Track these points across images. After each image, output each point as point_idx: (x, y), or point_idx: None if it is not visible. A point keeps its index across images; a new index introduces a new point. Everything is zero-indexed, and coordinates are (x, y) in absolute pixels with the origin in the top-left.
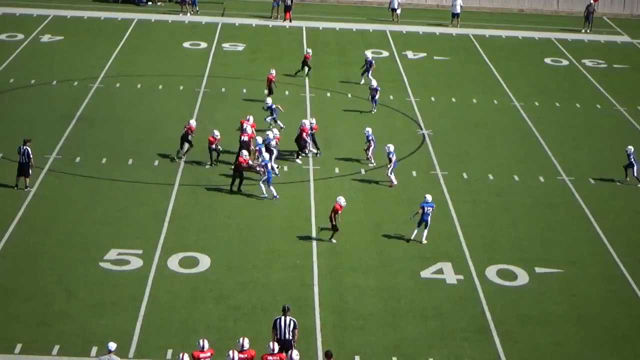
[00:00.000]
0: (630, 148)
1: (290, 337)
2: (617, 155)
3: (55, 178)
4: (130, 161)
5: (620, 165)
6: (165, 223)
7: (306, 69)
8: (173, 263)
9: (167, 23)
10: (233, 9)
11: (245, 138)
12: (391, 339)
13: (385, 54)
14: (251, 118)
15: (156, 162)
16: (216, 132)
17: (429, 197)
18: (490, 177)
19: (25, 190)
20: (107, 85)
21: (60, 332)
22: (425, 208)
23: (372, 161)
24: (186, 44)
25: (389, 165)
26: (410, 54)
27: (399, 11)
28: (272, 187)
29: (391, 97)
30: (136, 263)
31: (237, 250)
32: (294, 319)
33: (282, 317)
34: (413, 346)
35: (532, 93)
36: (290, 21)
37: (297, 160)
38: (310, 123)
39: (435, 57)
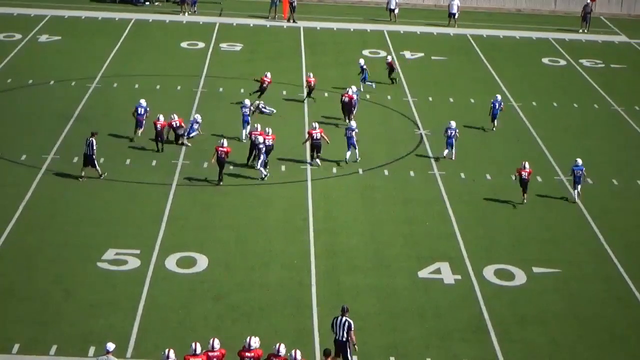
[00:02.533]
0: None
1: (345, 339)
2: (614, 156)
3: (53, 178)
4: (128, 161)
5: (617, 165)
6: (162, 223)
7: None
8: (171, 263)
9: (165, 23)
10: (231, 9)
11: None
12: (389, 339)
13: (383, 53)
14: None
15: (154, 162)
16: (224, 142)
17: (452, 124)
18: (488, 177)
19: (101, 177)
20: (104, 85)
21: (58, 332)
22: (449, 131)
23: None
24: (184, 44)
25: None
26: (407, 54)
27: (396, 11)
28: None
29: (389, 97)
30: (134, 263)
31: (235, 250)
32: (349, 320)
33: (339, 318)
34: (411, 346)
35: (529, 93)
36: (295, 22)
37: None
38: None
39: (433, 57)
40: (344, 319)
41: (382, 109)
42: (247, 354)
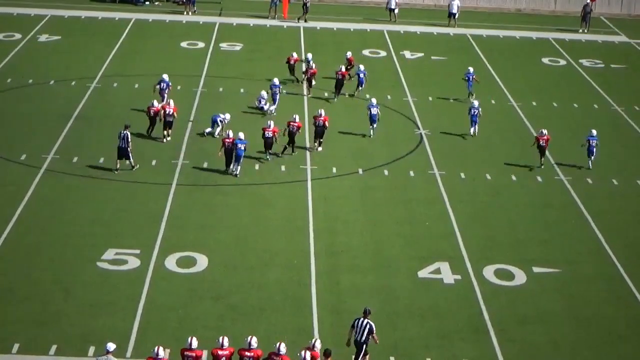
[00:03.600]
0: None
1: (364, 340)
2: (614, 155)
3: (53, 178)
4: (128, 161)
5: (617, 165)
6: (162, 223)
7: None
8: (170, 263)
9: (165, 23)
10: (231, 9)
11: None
12: (389, 338)
13: (383, 53)
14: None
15: (154, 162)
16: (230, 133)
17: (475, 103)
18: (488, 176)
19: (132, 170)
20: (104, 85)
21: (57, 332)
22: (473, 110)
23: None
24: (184, 44)
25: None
26: (407, 54)
27: (396, 11)
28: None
29: (389, 97)
30: (133, 263)
31: (235, 250)
32: (370, 323)
33: (360, 319)
34: (411, 346)
35: (529, 93)
36: (306, 21)
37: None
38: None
39: (432, 57)
40: (365, 321)
41: (381, 109)
42: (247, 354)
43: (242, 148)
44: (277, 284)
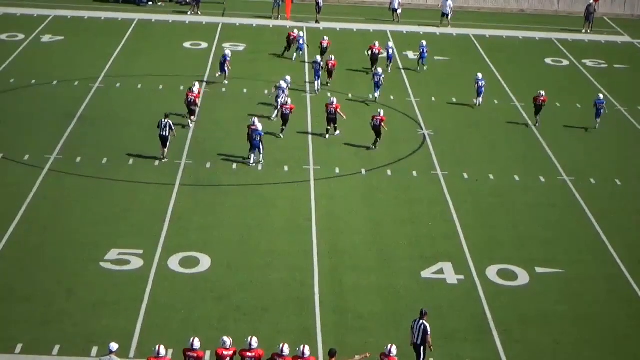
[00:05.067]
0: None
1: (421, 342)
2: (617, 155)
3: (56, 178)
4: (131, 161)
5: (620, 165)
6: (165, 223)
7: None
8: (173, 263)
9: (168, 23)
10: (233, 9)
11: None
12: (392, 338)
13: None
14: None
15: (156, 162)
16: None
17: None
18: (491, 177)
19: (163, 161)
20: (107, 85)
21: (60, 332)
22: (479, 82)
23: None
24: (187, 44)
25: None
26: (411, 54)
27: (399, 11)
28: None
29: (392, 97)
30: (136, 263)
31: (238, 250)
32: (425, 323)
33: (417, 320)
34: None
35: (532, 93)
36: (318, 22)
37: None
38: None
39: (435, 57)
40: (421, 322)
41: (384, 109)
42: (248, 354)
43: (258, 139)
44: (280, 284)
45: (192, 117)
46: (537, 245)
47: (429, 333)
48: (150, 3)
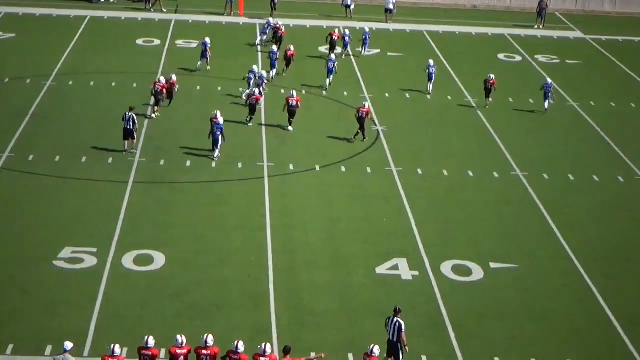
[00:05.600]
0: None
1: (397, 339)
2: (570, 151)
3: (8, 177)
4: (84, 159)
5: (573, 160)
6: (119, 221)
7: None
8: (127, 261)
9: (120, 20)
10: (186, 6)
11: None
12: (347, 335)
13: (339, 50)
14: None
15: (110, 160)
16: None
17: (431, 61)
18: (445, 172)
19: (131, 152)
20: (60, 83)
21: (14, 331)
22: (430, 69)
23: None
24: (139, 41)
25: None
26: (364, 51)
27: (352, 7)
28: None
29: (345, 93)
30: (90, 261)
31: (192, 248)
32: (400, 321)
33: (391, 317)
34: (369, 342)
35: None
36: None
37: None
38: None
39: (389, 53)
40: (395, 319)
41: (338, 105)
42: (204, 352)
43: (218, 133)
44: (235, 282)
45: (157, 108)
46: (491, 240)
47: (404, 330)
48: (102, 0)
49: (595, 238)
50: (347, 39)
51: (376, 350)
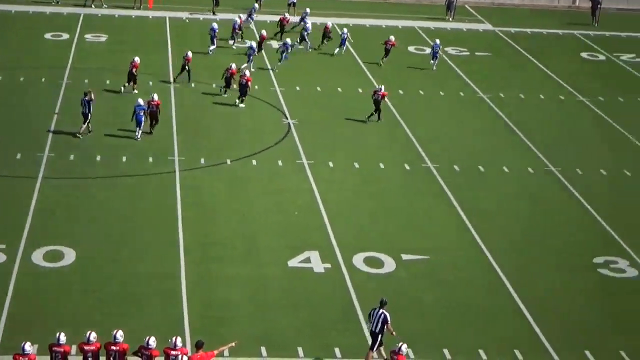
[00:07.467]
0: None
1: (379, 330)
2: (481, 142)
3: None
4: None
5: (483, 151)
6: (29, 217)
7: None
8: (37, 257)
9: (28, 14)
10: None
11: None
12: (260, 329)
13: (250, 43)
14: None
15: (19, 155)
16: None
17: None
18: (356, 165)
19: (80, 136)
20: None
21: None
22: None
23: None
24: (47, 35)
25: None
26: (274, 44)
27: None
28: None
29: (256, 87)
30: None
31: (103, 243)
32: (385, 313)
33: (376, 309)
34: (282, 336)
35: (396, 81)
36: (214, 13)
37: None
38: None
39: (299, 47)
40: (380, 311)
41: (249, 99)
42: (113, 348)
43: (141, 114)
44: (147, 276)
45: (128, 84)
46: (403, 232)
47: (389, 321)
48: None
49: (505, 229)
50: (344, 36)
51: (404, 348)
